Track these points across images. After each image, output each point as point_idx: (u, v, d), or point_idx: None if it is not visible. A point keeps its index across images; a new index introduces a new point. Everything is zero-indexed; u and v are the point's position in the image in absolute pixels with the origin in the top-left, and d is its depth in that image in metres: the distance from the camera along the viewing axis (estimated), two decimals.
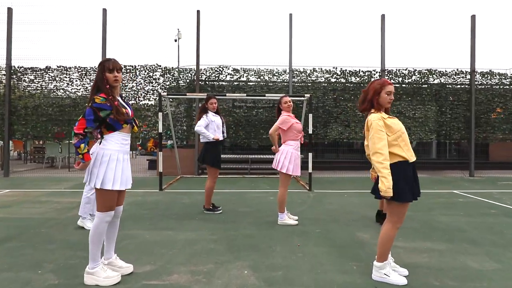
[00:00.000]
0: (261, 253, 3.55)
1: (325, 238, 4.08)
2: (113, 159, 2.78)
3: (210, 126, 5.24)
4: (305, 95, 8.05)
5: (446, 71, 11.03)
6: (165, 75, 10.55)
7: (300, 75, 10.89)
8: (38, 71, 10.26)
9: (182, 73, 10.62)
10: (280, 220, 4.72)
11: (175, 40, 23.64)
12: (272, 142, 4.79)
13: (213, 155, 5.22)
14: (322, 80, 10.94)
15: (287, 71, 10.70)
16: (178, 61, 23.62)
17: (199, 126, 5.17)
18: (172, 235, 4.16)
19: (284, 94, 7.35)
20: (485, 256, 3.48)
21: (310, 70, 10.89)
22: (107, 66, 2.76)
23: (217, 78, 10.80)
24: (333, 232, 4.34)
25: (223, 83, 10.84)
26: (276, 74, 10.85)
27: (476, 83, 10.86)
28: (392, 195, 2.61)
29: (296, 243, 3.88)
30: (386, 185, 2.60)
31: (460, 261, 3.35)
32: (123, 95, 2.99)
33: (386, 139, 2.69)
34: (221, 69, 10.75)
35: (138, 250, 3.61)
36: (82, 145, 2.68)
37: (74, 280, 2.88)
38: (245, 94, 8.34)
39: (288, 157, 4.63)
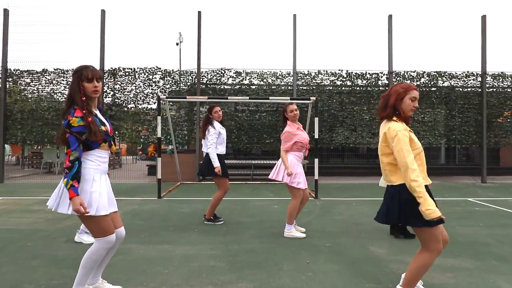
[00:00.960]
0: (267, 272, 3.18)
1: (336, 254, 3.71)
2: (90, 179, 2.37)
3: (217, 140, 4.87)
4: (311, 98, 7.70)
5: (456, 73, 10.66)
6: (165, 78, 10.24)
7: (305, 77, 10.55)
8: (34, 73, 9.98)
9: (183, 76, 10.31)
10: (287, 231, 4.35)
11: (177, 44, 23.40)
12: (284, 163, 4.31)
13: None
14: (327, 83, 10.59)
15: (291, 73, 10.36)
16: (180, 64, 23.37)
17: (212, 148, 4.77)
18: (169, 250, 3.80)
19: (289, 101, 6.97)
20: None
21: (315, 72, 10.54)
22: (85, 74, 2.32)
23: (218, 81, 10.47)
24: (345, 247, 3.96)
25: (225, 86, 10.51)
26: (280, 77, 10.51)
27: (487, 85, 10.48)
28: (440, 214, 2.19)
29: (304, 260, 3.51)
30: (429, 204, 2.17)
31: (490, 281, 2.98)
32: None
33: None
34: (223, 71, 10.43)
35: (130, 268, 3.25)
36: (65, 180, 2.26)
37: None
38: (247, 98, 7.99)
39: (294, 170, 4.25)
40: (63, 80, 9.94)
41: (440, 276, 3.10)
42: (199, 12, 9.99)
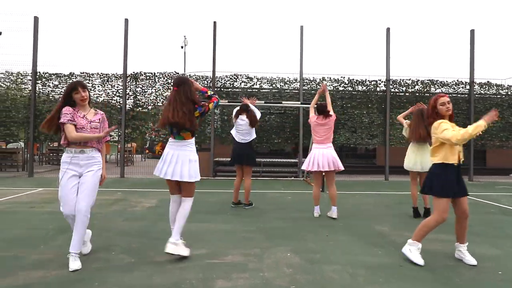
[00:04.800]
0: (297, 241, 4.09)
1: (348, 230, 4.63)
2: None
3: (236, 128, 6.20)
4: None
5: (447, 81, 11.70)
6: None
7: (310, 83, 11.50)
8: (62, 76, 10.80)
9: (199, 81, 11.20)
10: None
11: (181, 47, 24.26)
12: None
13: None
14: (330, 89, 11.54)
15: (298, 79, 11.30)
16: (184, 67, 24.20)
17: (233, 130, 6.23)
18: (211, 227, 4.69)
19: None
20: (488, 245, 4.05)
21: (320, 79, 11.51)
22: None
23: (231, 85, 11.38)
24: (355, 226, 4.89)
25: (238, 89, 11.41)
26: (288, 82, 11.45)
27: (474, 93, 11.52)
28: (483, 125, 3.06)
29: (324, 234, 4.43)
30: (479, 125, 3.07)
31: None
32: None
33: (450, 129, 3.21)
34: (236, 76, 11.35)
35: (187, 238, 4.11)
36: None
37: (146, 259, 3.41)
38: (263, 102, 8.92)
39: (308, 156, 5.53)
40: (88, 83, 10.76)
41: (434, 245, 4.02)
42: (215, 23, 10.88)
